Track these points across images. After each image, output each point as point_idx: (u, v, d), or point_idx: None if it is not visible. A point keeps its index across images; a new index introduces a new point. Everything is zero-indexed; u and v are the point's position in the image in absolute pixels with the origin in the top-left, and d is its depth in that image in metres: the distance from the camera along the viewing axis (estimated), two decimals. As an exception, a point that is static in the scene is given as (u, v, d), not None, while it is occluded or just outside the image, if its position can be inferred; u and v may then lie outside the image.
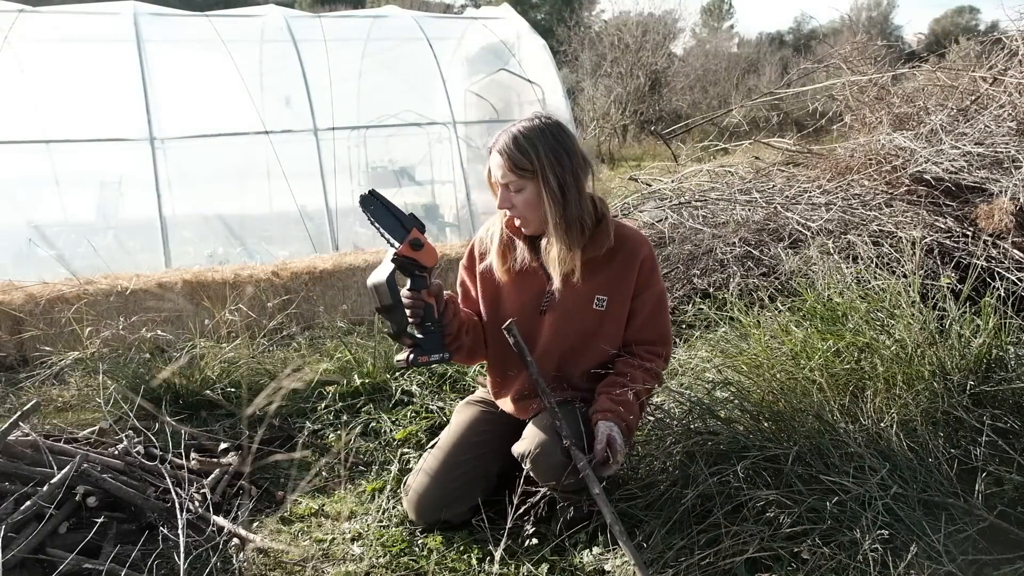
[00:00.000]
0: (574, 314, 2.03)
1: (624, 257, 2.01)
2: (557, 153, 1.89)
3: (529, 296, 2.07)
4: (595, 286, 2.01)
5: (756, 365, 2.26)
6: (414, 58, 6.72)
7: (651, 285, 2.05)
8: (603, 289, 2.02)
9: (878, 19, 30.04)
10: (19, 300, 3.76)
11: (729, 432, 1.96)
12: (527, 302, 2.08)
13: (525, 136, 1.90)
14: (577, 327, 2.04)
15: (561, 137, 1.93)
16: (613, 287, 2.02)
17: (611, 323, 2.05)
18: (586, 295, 2.02)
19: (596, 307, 2.02)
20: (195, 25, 6.12)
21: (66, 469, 2.04)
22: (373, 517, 2.28)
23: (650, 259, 2.05)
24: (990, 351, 2.14)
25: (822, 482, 1.76)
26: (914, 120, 4.27)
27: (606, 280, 2.02)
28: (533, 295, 2.07)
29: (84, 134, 5.36)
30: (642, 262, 2.02)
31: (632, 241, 2.04)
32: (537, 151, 1.88)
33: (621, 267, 2.02)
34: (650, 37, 16.90)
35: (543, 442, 1.89)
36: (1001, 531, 1.74)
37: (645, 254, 2.03)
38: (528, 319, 2.08)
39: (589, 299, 2.02)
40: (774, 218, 3.85)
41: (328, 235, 5.63)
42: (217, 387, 2.99)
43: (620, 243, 2.02)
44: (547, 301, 2.06)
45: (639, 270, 2.02)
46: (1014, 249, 3.17)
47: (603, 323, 2.04)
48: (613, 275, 2.02)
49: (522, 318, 2.07)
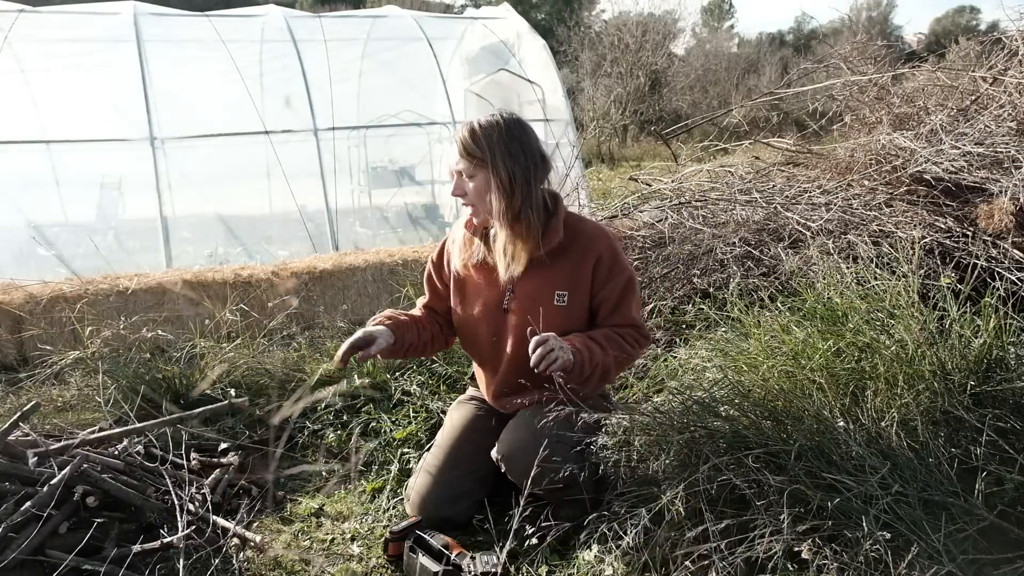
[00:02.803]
0: (535, 311, 2.03)
1: (580, 251, 2.05)
2: (510, 146, 1.96)
3: (492, 295, 2.11)
4: (553, 282, 2.05)
5: (756, 365, 2.26)
6: (414, 58, 6.73)
7: (614, 276, 2.07)
8: (562, 284, 2.05)
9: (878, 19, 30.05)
10: (19, 300, 3.76)
11: (731, 429, 1.96)
12: (490, 301, 2.12)
13: (482, 126, 1.99)
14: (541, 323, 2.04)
15: (517, 131, 2.00)
16: (572, 282, 2.05)
17: (576, 319, 2.08)
18: (547, 291, 2.05)
19: (558, 303, 2.05)
20: (195, 25, 6.12)
21: (66, 469, 2.04)
22: (373, 517, 2.28)
23: (609, 251, 2.07)
24: (990, 351, 2.14)
25: (824, 480, 1.76)
26: (914, 120, 4.27)
27: (564, 275, 2.05)
28: (496, 293, 2.11)
29: (84, 134, 5.37)
30: (599, 257, 2.05)
31: (588, 235, 2.07)
32: (490, 141, 1.96)
33: (577, 261, 2.05)
34: (650, 37, 16.90)
35: (516, 440, 1.95)
36: (1001, 531, 1.74)
37: (603, 247, 2.06)
38: (493, 317, 2.13)
39: (550, 295, 2.05)
40: (774, 218, 3.85)
41: (328, 235, 5.64)
42: (217, 387, 2.99)
43: (575, 238, 2.05)
44: (508, 299, 2.09)
45: (597, 264, 2.05)
46: (1014, 249, 3.17)
47: (568, 318, 2.06)
48: (570, 269, 2.05)
49: (488, 317, 2.13)
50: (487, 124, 1.99)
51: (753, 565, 1.69)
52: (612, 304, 2.09)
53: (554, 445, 1.88)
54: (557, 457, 1.88)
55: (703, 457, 1.88)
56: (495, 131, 1.97)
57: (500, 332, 2.12)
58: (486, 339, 2.16)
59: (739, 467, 1.83)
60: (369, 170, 6.80)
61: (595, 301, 2.10)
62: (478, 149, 1.97)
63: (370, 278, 4.41)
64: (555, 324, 2.04)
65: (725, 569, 1.66)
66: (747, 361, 2.30)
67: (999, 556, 1.68)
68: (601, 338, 2.03)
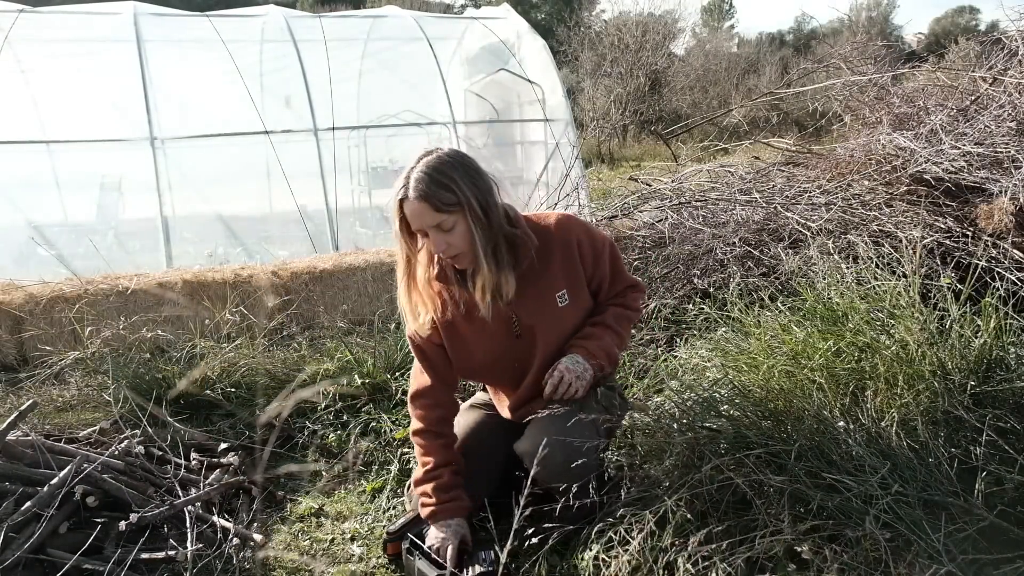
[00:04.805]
0: (547, 319, 2.02)
1: (559, 246, 2.01)
2: (472, 177, 1.86)
3: (498, 330, 2.01)
4: (550, 286, 2.01)
5: (756, 365, 2.26)
6: (414, 58, 6.72)
7: (599, 252, 2.06)
8: (559, 284, 2.02)
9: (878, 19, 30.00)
10: (19, 300, 3.76)
11: (733, 429, 1.96)
12: (499, 338, 2.02)
13: (438, 171, 1.82)
14: (555, 328, 2.04)
15: (466, 160, 1.89)
16: (566, 278, 2.02)
17: (582, 308, 2.07)
18: (548, 297, 2.02)
19: (561, 304, 2.03)
20: (195, 25, 6.13)
21: (66, 469, 2.05)
22: (373, 517, 2.28)
23: (584, 234, 2.04)
24: (991, 351, 2.14)
25: (824, 480, 1.76)
26: (914, 120, 4.27)
27: (556, 275, 2.01)
28: (501, 327, 2.01)
29: (84, 134, 5.37)
30: (578, 243, 2.02)
31: (558, 229, 2.02)
32: (455, 182, 1.81)
33: (562, 258, 2.01)
34: (650, 37, 16.89)
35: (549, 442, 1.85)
36: (1001, 530, 1.74)
37: (575, 233, 2.03)
38: (508, 350, 2.04)
39: (552, 300, 2.02)
40: (774, 218, 3.85)
41: (328, 235, 5.64)
42: (217, 387, 2.99)
43: (548, 236, 2.01)
44: (515, 326, 2.01)
45: (580, 251, 2.03)
46: (1014, 249, 3.17)
47: (576, 312, 2.06)
48: (559, 267, 2.01)
49: (504, 352, 2.04)
50: (439, 166, 1.83)
51: (754, 565, 1.69)
52: (608, 278, 2.10)
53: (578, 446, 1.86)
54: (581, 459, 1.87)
55: (705, 458, 1.88)
56: (453, 170, 1.83)
57: (521, 357, 2.05)
58: (507, 371, 2.09)
59: (740, 467, 1.83)
60: (369, 170, 6.80)
61: (593, 283, 2.09)
62: (451, 196, 1.81)
63: (370, 278, 4.41)
64: (568, 323, 2.04)
65: (726, 570, 1.66)
66: (747, 361, 2.31)
67: (999, 556, 1.68)
68: (612, 322, 2.05)
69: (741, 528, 1.76)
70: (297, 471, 2.57)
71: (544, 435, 1.89)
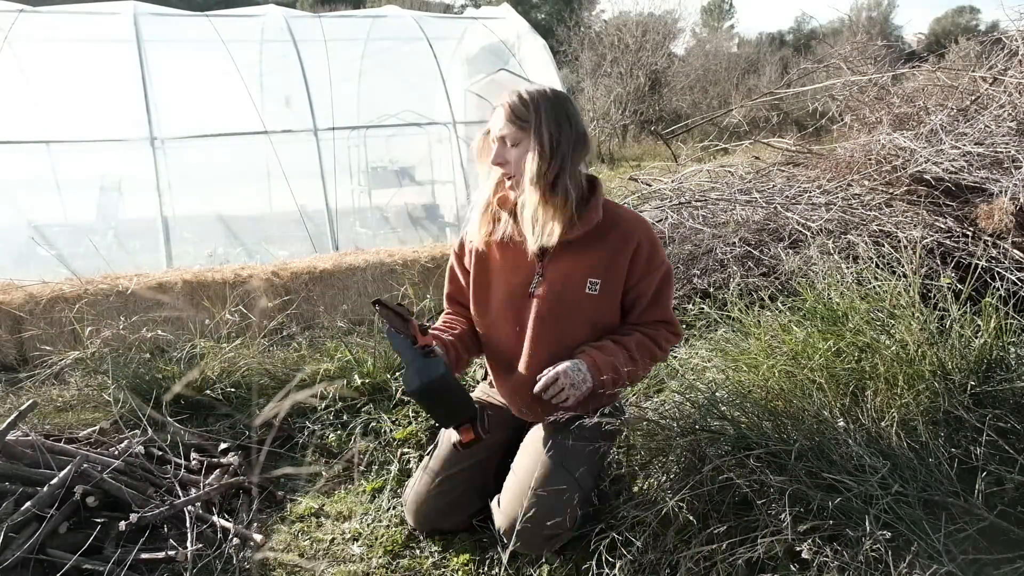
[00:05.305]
0: (565, 297, 1.97)
1: (617, 238, 1.95)
2: (557, 115, 1.89)
3: (518, 278, 2.01)
4: (587, 267, 1.95)
5: (756, 365, 2.25)
6: (414, 58, 6.72)
7: (653, 269, 1.98)
8: (596, 271, 1.95)
9: (878, 19, 30.00)
10: (19, 300, 3.76)
11: (734, 429, 1.96)
12: (515, 285, 2.02)
13: (530, 92, 1.92)
14: (570, 310, 1.97)
15: (565, 104, 1.93)
16: (607, 270, 1.95)
17: (606, 312, 1.99)
18: (578, 276, 1.95)
19: (589, 291, 1.96)
20: (195, 25, 6.12)
21: (66, 470, 2.05)
22: (373, 517, 2.28)
23: (648, 242, 1.97)
24: (991, 351, 2.14)
25: (824, 480, 1.76)
26: (914, 120, 4.27)
27: (599, 261, 1.95)
28: (522, 277, 2.01)
29: (84, 134, 5.36)
30: (638, 246, 1.95)
31: (628, 223, 1.97)
32: (537, 107, 1.89)
33: (614, 249, 1.95)
34: (650, 37, 16.88)
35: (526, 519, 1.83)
36: (1001, 530, 1.74)
37: (642, 237, 1.96)
38: (517, 305, 2.02)
39: (582, 282, 1.95)
40: (774, 218, 3.85)
41: (328, 235, 5.63)
42: (217, 387, 2.99)
43: (614, 224, 1.96)
44: (536, 282, 1.99)
45: (635, 255, 1.95)
46: (1014, 249, 3.17)
47: (598, 310, 1.98)
48: (606, 256, 1.95)
49: (511, 303, 2.02)
50: (536, 91, 1.93)
51: (754, 565, 1.69)
52: (649, 298, 2.00)
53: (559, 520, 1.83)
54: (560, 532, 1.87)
55: (706, 459, 1.88)
56: (543, 98, 1.90)
57: (522, 316, 2.02)
58: (507, 330, 2.05)
59: (740, 467, 1.83)
60: (369, 170, 6.80)
61: (630, 295, 2.00)
62: (526, 111, 1.88)
63: (370, 278, 4.41)
64: (583, 315, 1.97)
65: (727, 570, 1.66)
66: (747, 361, 2.31)
67: (999, 556, 1.68)
68: (634, 347, 1.96)
69: (742, 528, 1.76)
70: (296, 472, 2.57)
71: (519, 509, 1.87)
